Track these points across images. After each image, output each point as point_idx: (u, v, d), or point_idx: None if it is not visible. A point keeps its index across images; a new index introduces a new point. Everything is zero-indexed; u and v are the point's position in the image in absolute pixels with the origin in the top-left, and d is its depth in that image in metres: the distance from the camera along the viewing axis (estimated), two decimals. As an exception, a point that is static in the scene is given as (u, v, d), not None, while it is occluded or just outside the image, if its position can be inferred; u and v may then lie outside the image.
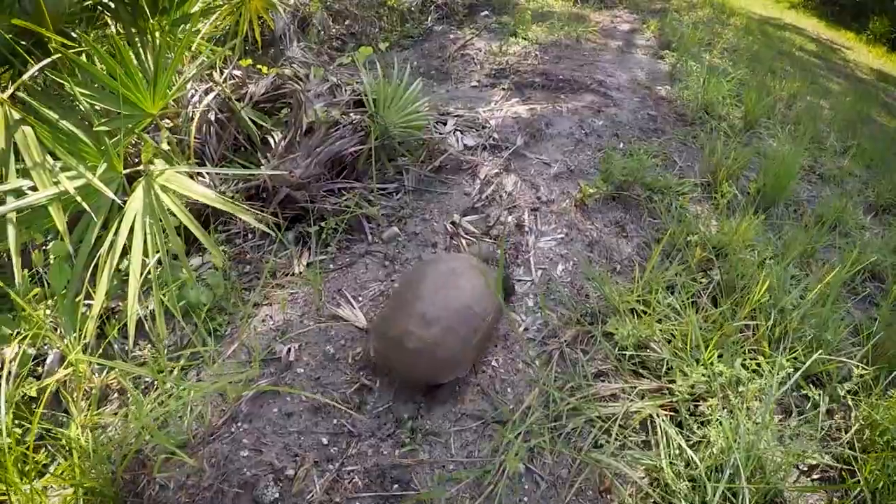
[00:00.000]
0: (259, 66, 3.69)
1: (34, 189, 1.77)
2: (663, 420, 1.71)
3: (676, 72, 4.51)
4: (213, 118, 2.83)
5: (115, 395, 1.93)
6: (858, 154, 3.88)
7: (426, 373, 1.72)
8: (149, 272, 1.79)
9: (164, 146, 2.25)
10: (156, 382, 1.80)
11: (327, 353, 1.94)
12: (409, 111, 2.58)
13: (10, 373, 1.61)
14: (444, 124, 2.95)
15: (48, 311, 1.99)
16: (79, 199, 1.77)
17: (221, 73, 3.26)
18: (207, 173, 2.61)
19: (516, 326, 2.00)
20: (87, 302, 1.94)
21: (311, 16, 4.49)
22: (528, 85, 4.04)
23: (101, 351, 1.95)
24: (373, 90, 2.65)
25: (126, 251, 1.82)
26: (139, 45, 2.48)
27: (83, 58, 2.05)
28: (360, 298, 2.13)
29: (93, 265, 1.81)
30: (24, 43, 2.05)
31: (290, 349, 1.96)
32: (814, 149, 3.79)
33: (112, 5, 2.38)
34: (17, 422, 1.61)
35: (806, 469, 1.78)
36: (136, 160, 2.32)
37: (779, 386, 1.71)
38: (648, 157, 3.03)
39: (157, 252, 1.83)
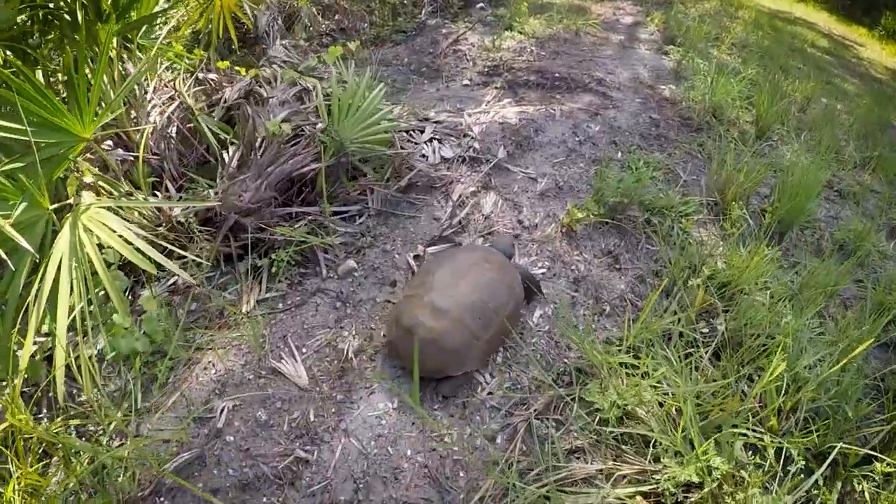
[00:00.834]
0: (237, 68, 3.25)
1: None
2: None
3: (682, 69, 3.96)
4: (174, 132, 2.42)
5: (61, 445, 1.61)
6: (879, 166, 3.34)
7: (433, 365, 1.53)
8: (89, 316, 1.51)
9: (88, 178, 1.84)
10: (98, 431, 1.53)
11: (259, 420, 1.55)
12: (369, 123, 2.11)
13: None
14: (422, 132, 2.48)
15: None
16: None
17: (195, 77, 2.83)
18: (164, 193, 2.20)
19: (478, 391, 1.58)
20: (36, 340, 1.63)
21: (299, 11, 3.99)
22: (522, 84, 3.53)
23: (48, 394, 1.64)
24: (328, 99, 2.18)
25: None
26: (90, 58, 2.08)
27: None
28: (305, 349, 1.73)
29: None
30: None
31: (224, 409, 1.58)
32: (831, 160, 3.26)
33: (55, 15, 1.96)
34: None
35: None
36: (76, 192, 1.92)
37: (788, 486, 1.29)
38: (649, 170, 2.55)
39: (83, 300, 1.53)
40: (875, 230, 2.64)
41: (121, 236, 1.59)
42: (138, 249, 1.58)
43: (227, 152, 2.23)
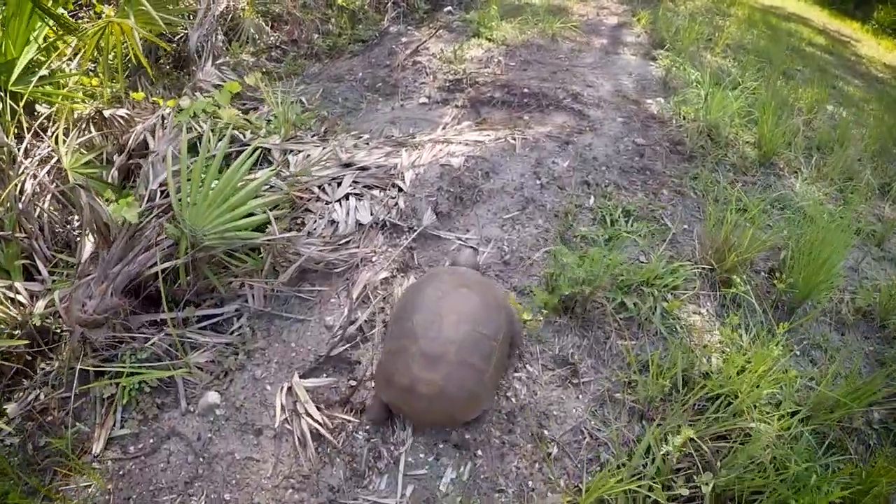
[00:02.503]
0: (155, 98, 2.51)
1: None
2: None
3: (671, 78, 3.12)
4: (49, 200, 1.73)
5: None
6: (903, 194, 2.53)
7: (446, 417, 1.22)
8: None
9: None
10: None
11: None
12: (231, 204, 1.33)
13: None
14: (339, 184, 1.73)
15: None
16: None
17: (94, 120, 2.12)
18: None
19: None
20: None
21: (242, 22, 3.19)
22: (486, 101, 2.74)
23: None
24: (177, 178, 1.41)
25: None
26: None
27: None
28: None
29: None
30: None
31: None
32: (846, 188, 2.46)
33: None
34: None
35: None
36: None
37: None
38: (628, 225, 1.80)
39: None
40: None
41: None
42: None
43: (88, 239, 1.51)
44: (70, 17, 2.86)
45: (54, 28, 2.05)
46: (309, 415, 1.18)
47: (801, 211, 2.16)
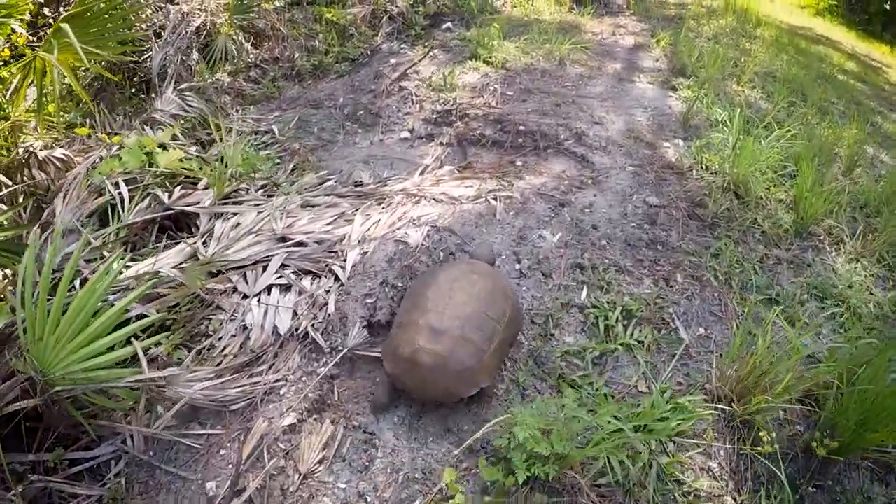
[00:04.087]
0: (102, 135, 2.12)
1: None
2: None
3: (693, 114, 2.60)
4: None
5: None
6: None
7: (443, 390, 1.16)
8: None
9: None
10: None
11: None
12: (88, 336, 0.91)
13: None
14: (265, 268, 1.30)
15: None
16: None
17: (37, 158, 1.75)
18: None
19: None
20: None
21: (218, 38, 2.76)
22: (475, 140, 2.28)
23: None
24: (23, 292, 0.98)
25: None
26: None
27: None
28: None
29: None
30: None
31: None
32: (897, 267, 1.95)
33: None
34: None
35: None
36: None
37: None
38: (630, 324, 1.34)
39: None
40: None
41: None
42: None
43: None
44: (28, 35, 2.49)
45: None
46: None
47: (845, 302, 1.67)
